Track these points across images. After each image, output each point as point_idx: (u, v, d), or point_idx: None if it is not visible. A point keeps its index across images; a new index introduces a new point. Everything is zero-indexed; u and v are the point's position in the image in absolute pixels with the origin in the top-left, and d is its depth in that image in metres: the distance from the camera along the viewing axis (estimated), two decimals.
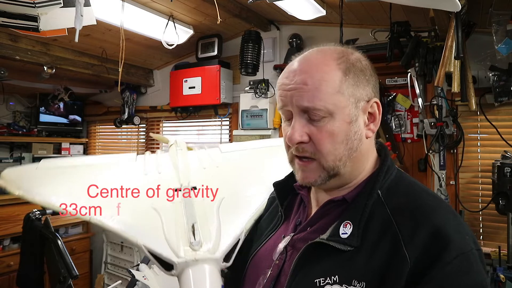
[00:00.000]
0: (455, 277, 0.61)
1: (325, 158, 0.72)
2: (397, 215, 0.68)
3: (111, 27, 2.41)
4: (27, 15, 1.49)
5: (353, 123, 0.72)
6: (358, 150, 0.74)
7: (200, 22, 2.69)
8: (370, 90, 0.74)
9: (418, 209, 0.68)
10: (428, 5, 1.65)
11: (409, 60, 2.11)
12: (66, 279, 1.68)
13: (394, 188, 0.73)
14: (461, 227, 0.67)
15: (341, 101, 0.71)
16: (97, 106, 4.12)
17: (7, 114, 3.78)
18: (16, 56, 2.52)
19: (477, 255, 0.65)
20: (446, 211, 0.68)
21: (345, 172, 0.74)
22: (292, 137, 0.72)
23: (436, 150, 2.24)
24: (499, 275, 1.78)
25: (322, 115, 0.70)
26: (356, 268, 0.66)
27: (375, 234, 0.68)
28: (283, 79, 0.74)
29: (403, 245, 0.64)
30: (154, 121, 3.72)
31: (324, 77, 0.70)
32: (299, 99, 0.71)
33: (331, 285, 0.66)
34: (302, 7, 2.23)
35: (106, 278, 3.75)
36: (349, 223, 0.70)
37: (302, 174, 0.76)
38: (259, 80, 2.82)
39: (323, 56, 0.73)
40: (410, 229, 0.65)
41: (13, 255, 3.01)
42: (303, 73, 0.71)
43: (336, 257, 0.68)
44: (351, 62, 0.73)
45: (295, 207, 0.87)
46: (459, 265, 0.62)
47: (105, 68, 3.07)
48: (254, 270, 0.82)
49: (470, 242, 0.65)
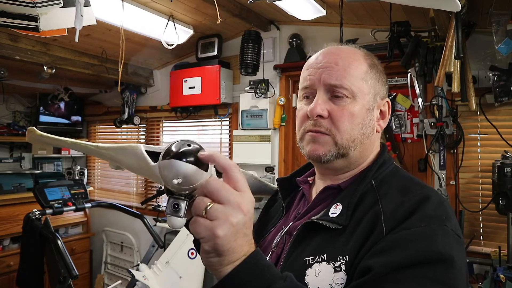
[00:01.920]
0: (409, 240, 0.60)
1: (340, 135, 0.75)
2: (384, 198, 0.71)
3: (111, 27, 2.41)
4: (27, 15, 1.49)
5: (370, 112, 0.79)
6: (369, 138, 0.79)
7: (200, 22, 2.69)
8: (385, 91, 0.83)
9: (405, 193, 0.70)
10: (428, 5, 1.65)
11: (409, 60, 2.11)
12: (66, 279, 1.68)
13: (388, 180, 0.76)
14: (441, 208, 0.66)
15: (364, 88, 0.77)
16: (97, 106, 4.12)
17: (7, 114, 3.79)
18: (16, 56, 2.52)
19: (451, 234, 0.63)
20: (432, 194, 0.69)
21: (353, 155, 0.78)
22: (314, 110, 0.75)
23: (436, 150, 2.24)
24: (499, 275, 1.78)
25: (345, 95, 0.75)
26: (341, 244, 0.68)
27: (362, 213, 0.71)
28: (312, 61, 0.80)
29: (382, 219, 0.66)
30: (154, 121, 3.72)
31: (354, 63, 0.77)
32: (327, 77, 0.76)
33: (319, 263, 0.68)
34: (302, 7, 2.23)
35: (106, 278, 3.75)
36: (339, 205, 0.74)
37: (312, 146, 0.78)
38: (259, 80, 2.82)
39: (353, 49, 0.81)
40: (393, 207, 0.67)
41: (13, 255, 3.01)
42: (335, 55, 0.78)
43: (325, 235, 0.71)
44: (375, 62, 0.81)
45: (296, 200, 0.90)
46: (418, 232, 0.61)
47: (105, 68, 3.07)
48: None
49: (446, 222, 0.64)
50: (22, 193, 3.41)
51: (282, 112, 2.83)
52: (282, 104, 2.81)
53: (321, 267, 0.67)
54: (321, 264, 0.68)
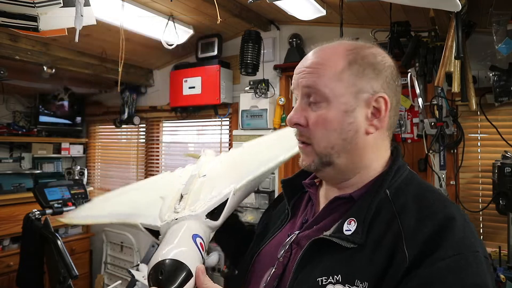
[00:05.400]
0: (447, 274, 0.57)
1: (317, 143, 0.73)
2: (402, 213, 0.66)
3: (111, 27, 2.41)
4: (27, 15, 1.49)
5: (349, 114, 0.71)
6: (353, 143, 0.72)
7: (200, 22, 2.69)
8: (378, 85, 0.72)
9: (426, 208, 0.66)
10: (428, 5, 1.65)
11: (409, 60, 2.11)
12: (66, 279, 1.68)
13: (404, 188, 0.71)
14: (468, 229, 0.64)
15: (339, 88, 0.71)
16: (97, 106, 4.12)
17: (7, 114, 3.78)
18: (16, 56, 2.52)
19: (483, 261, 0.61)
20: (456, 213, 0.66)
21: (340, 163, 0.73)
22: (291, 119, 0.75)
23: (436, 150, 2.24)
24: (499, 275, 1.78)
25: (319, 100, 0.72)
26: (359, 267, 0.64)
27: (379, 232, 0.66)
28: (298, 65, 0.79)
29: (404, 242, 0.62)
30: (154, 121, 3.72)
31: (327, 63, 0.73)
32: (302, 80, 0.74)
33: (333, 284, 0.64)
34: (302, 7, 2.23)
35: (106, 278, 3.75)
36: (354, 220, 0.68)
37: (301, 157, 0.78)
38: (259, 80, 2.82)
39: (337, 45, 0.77)
40: (414, 225, 0.63)
41: (13, 255, 3.01)
42: (314, 58, 0.75)
43: (340, 255, 0.66)
44: (361, 55, 0.74)
45: (303, 204, 0.86)
46: (454, 263, 0.58)
47: (105, 68, 3.07)
48: (259, 267, 0.82)
49: (476, 245, 0.61)
50: (22, 193, 3.40)
51: (282, 112, 2.83)
52: (282, 104, 2.81)
53: None
54: (335, 286, 0.64)
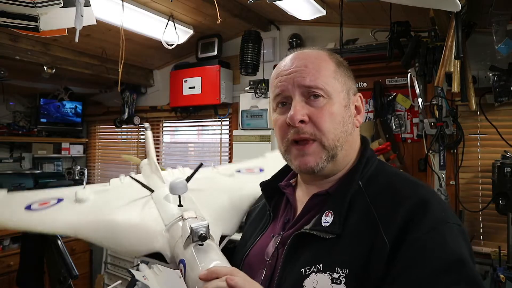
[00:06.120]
0: (424, 253, 0.61)
1: (326, 137, 0.74)
2: (376, 202, 0.70)
3: (111, 27, 2.41)
4: (27, 15, 1.49)
5: (348, 108, 0.79)
6: (351, 135, 0.79)
7: (200, 22, 2.69)
8: (354, 86, 0.83)
9: (397, 195, 0.70)
10: (428, 5, 1.64)
11: (409, 60, 2.11)
12: (66, 279, 1.67)
13: (375, 178, 0.76)
14: (438, 206, 0.67)
15: (337, 86, 0.77)
16: (97, 106, 4.12)
17: (7, 114, 3.78)
18: (16, 56, 2.52)
19: (455, 228, 0.65)
20: (427, 194, 0.69)
21: (340, 155, 0.77)
22: (295, 116, 0.74)
23: (436, 150, 2.24)
24: (499, 275, 1.78)
25: (321, 95, 0.75)
26: (339, 255, 0.68)
27: (356, 221, 0.70)
28: (281, 68, 0.80)
29: (381, 229, 0.66)
30: (154, 121, 3.72)
31: (322, 63, 0.78)
32: (300, 80, 0.75)
33: (315, 273, 0.68)
34: (302, 7, 2.23)
35: (106, 278, 3.75)
36: (330, 212, 0.73)
37: (301, 160, 0.76)
38: (259, 80, 2.82)
39: (317, 51, 0.81)
40: (387, 211, 0.67)
41: (13, 255, 3.01)
42: (303, 59, 0.78)
43: (320, 245, 0.70)
44: (339, 59, 0.82)
45: (282, 206, 0.89)
46: (430, 240, 0.62)
47: (105, 68, 3.07)
48: (248, 271, 0.82)
49: (447, 216, 0.66)
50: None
51: None
52: None
53: (318, 277, 0.67)
54: (317, 274, 0.67)
